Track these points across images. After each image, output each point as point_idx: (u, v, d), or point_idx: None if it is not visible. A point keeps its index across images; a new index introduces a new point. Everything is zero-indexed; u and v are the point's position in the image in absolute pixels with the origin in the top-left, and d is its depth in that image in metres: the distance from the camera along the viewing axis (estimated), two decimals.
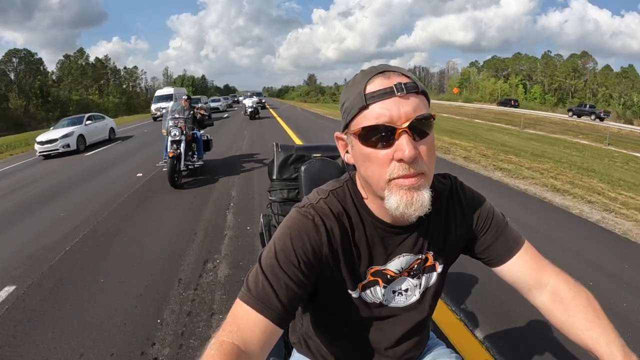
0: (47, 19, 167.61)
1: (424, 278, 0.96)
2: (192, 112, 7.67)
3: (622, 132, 33.14)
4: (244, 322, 0.76)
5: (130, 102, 65.56)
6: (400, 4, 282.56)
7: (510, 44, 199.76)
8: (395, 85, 0.75)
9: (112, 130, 17.08)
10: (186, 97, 7.94)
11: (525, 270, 0.94)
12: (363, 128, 0.77)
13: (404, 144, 0.73)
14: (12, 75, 57.80)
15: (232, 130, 18.04)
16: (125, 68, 79.38)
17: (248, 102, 25.09)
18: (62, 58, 68.79)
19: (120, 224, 5.29)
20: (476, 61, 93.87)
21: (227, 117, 27.46)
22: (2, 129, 38.58)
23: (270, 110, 33.79)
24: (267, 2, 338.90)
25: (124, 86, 75.78)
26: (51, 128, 15.30)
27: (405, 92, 0.75)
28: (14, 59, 60.05)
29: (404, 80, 0.76)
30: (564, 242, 4.14)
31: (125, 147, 14.67)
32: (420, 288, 0.96)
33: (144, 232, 4.93)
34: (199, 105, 9.75)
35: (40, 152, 13.58)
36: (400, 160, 0.75)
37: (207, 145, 8.29)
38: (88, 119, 15.56)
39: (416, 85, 0.77)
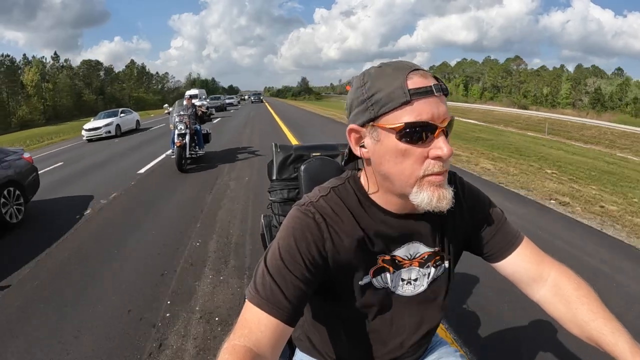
0: (49, 18, 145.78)
1: (432, 269, 0.78)
2: (194, 109, 7.33)
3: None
4: (255, 324, 0.63)
5: (165, 99, 67.59)
6: (403, 3, 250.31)
7: (512, 44, 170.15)
8: (433, 85, 0.61)
9: (137, 122, 17.50)
10: (189, 97, 7.71)
11: (526, 264, 0.77)
12: (406, 124, 0.60)
13: (442, 143, 0.61)
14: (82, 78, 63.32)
15: (245, 109, 29.98)
16: (157, 73, 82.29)
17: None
18: (125, 67, 73.99)
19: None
20: (433, 66, 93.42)
21: (239, 108, 35.31)
22: (82, 115, 46.94)
23: (266, 103, 42.66)
24: (268, 2, 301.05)
25: (159, 87, 78.84)
26: (92, 119, 16.05)
27: (441, 93, 0.62)
28: (84, 67, 64.30)
29: (436, 81, 0.63)
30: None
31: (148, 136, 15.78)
32: (428, 279, 0.78)
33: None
34: (201, 103, 9.63)
35: (86, 137, 14.41)
36: (437, 158, 0.62)
37: (206, 137, 7.88)
38: (122, 112, 16.22)
39: (446, 88, 0.64)
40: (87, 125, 14.88)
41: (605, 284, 2.49)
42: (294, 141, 11.87)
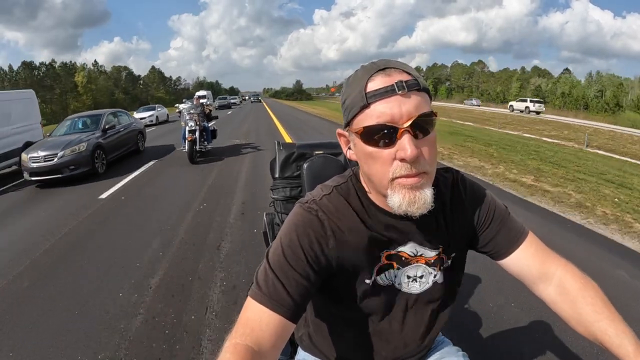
0: (50, 18, 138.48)
1: (438, 268, 0.71)
2: (202, 108, 7.67)
3: None
4: (257, 322, 0.58)
5: (179, 99, 72.09)
6: (403, 4, 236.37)
7: (512, 45, 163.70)
8: (396, 83, 0.55)
9: (167, 115, 20.78)
10: (197, 97, 8.42)
11: (531, 262, 0.69)
12: (365, 127, 0.56)
13: (405, 144, 0.54)
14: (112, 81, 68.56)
15: (246, 106, 38.98)
16: (170, 77, 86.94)
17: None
18: (148, 72, 79.89)
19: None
20: None
21: (240, 106, 39.97)
22: None
23: (263, 102, 50.63)
24: (268, 3, 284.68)
25: (172, 88, 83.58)
26: (134, 112, 18.57)
27: (406, 90, 0.55)
28: (115, 71, 70.38)
29: (405, 77, 0.56)
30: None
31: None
32: (434, 277, 0.71)
33: None
34: (209, 102, 11.78)
35: None
36: (402, 160, 0.55)
37: (213, 133, 8.20)
38: (157, 107, 19.99)
39: (417, 82, 0.56)
40: (135, 116, 18.72)
41: None
42: (270, 112, 17.43)
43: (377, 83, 0.56)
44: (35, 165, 5.94)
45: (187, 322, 2.11)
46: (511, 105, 32.59)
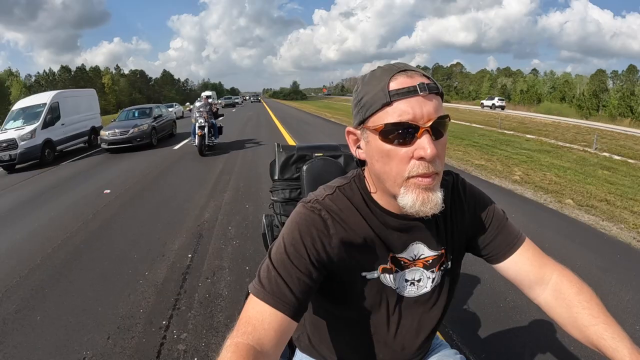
0: (50, 19, 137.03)
1: (436, 271, 0.68)
2: (210, 107, 7.90)
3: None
4: (259, 320, 0.55)
5: (187, 99, 75.81)
6: (402, 4, 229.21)
7: (511, 44, 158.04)
8: (418, 84, 0.53)
9: (182, 112, 23.67)
10: (205, 96, 8.56)
11: (527, 266, 0.67)
12: (386, 124, 0.54)
13: (425, 143, 0.53)
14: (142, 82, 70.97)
15: (249, 105, 42.54)
16: (178, 79, 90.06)
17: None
18: (159, 75, 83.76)
19: None
20: None
21: (242, 105, 43.52)
22: None
23: (262, 102, 54.26)
24: (268, 3, 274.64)
25: (182, 89, 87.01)
26: None
27: (427, 92, 0.53)
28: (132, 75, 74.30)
29: (425, 80, 0.55)
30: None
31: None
32: (432, 281, 0.68)
33: None
34: (216, 101, 14.21)
35: None
36: (420, 159, 0.54)
37: (220, 130, 8.42)
38: (175, 104, 23.58)
39: (437, 86, 0.56)
40: None
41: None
42: (268, 108, 23.49)
43: (399, 83, 0.54)
44: (112, 138, 9.02)
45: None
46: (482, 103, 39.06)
